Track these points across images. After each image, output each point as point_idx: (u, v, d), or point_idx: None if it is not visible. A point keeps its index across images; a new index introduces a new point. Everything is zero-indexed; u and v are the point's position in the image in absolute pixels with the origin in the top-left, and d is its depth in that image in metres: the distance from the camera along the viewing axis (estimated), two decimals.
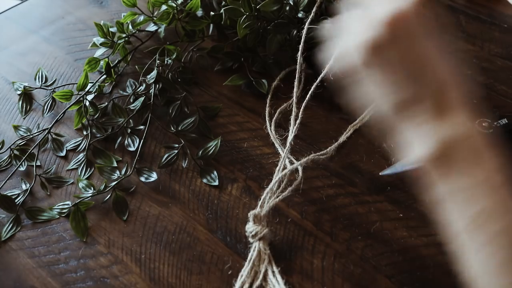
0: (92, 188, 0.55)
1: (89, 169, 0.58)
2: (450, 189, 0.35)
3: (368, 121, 0.60)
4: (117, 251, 0.51)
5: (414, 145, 0.36)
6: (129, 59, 0.68)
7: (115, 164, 0.58)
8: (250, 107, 0.63)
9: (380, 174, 0.54)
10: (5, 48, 0.73)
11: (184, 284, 0.48)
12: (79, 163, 0.58)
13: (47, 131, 0.60)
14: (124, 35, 0.67)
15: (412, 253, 0.49)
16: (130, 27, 0.68)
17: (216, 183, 0.55)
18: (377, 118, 0.38)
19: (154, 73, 0.61)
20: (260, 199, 0.51)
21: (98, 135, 0.60)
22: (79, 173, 0.57)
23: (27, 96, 0.66)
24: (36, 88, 0.67)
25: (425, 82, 0.36)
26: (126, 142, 0.59)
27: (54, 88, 0.66)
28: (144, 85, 0.63)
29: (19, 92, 0.66)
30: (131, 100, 0.63)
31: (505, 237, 0.33)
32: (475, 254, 0.34)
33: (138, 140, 0.59)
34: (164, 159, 0.57)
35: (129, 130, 0.60)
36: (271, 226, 0.52)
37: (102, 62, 0.65)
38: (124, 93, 0.64)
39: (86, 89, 0.62)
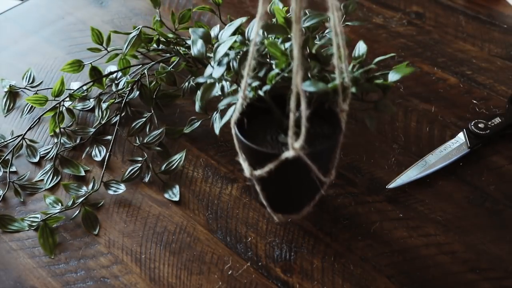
0: (60, 204, 0.54)
1: (55, 177, 0.57)
2: None
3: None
4: (117, 251, 0.51)
5: None
6: (127, 72, 0.65)
7: (82, 173, 0.57)
8: None
9: (387, 187, 0.54)
10: (5, 48, 0.74)
11: (184, 284, 0.48)
12: (46, 172, 0.57)
13: (21, 137, 0.60)
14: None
15: (412, 253, 0.49)
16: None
17: (177, 198, 0.54)
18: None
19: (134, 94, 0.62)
20: None
21: (68, 144, 0.59)
22: (45, 182, 0.56)
23: (11, 95, 0.66)
24: (21, 88, 0.67)
25: None
26: (93, 152, 0.59)
27: (38, 90, 0.66)
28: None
29: (5, 90, 0.66)
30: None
31: None
32: None
33: (104, 151, 0.58)
34: (127, 172, 0.56)
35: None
36: (270, 227, 0.52)
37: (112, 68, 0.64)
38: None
39: (62, 96, 0.61)
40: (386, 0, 0.77)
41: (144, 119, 0.60)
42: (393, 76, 0.45)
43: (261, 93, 0.44)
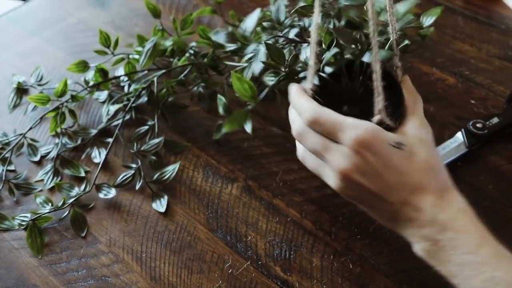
0: (50, 204, 0.54)
1: (55, 177, 0.57)
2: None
3: None
4: (118, 250, 0.51)
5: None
6: (133, 77, 0.65)
7: (82, 174, 0.57)
8: None
9: None
10: (8, 49, 0.74)
11: (185, 283, 0.49)
12: (46, 172, 0.58)
13: (22, 135, 0.60)
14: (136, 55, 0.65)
15: (410, 252, 0.49)
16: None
17: (162, 210, 0.54)
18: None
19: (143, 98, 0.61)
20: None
21: (69, 145, 0.60)
22: (45, 182, 0.57)
23: (19, 91, 0.66)
24: (29, 86, 0.67)
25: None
26: (93, 154, 0.59)
27: (43, 89, 0.66)
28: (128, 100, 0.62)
29: (14, 86, 0.67)
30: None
31: None
32: None
33: (104, 153, 0.58)
34: (119, 178, 0.56)
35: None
36: (270, 226, 0.52)
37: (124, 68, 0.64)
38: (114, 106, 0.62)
39: (65, 97, 0.61)
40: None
41: (146, 127, 0.60)
42: (427, 20, 0.48)
43: (324, 75, 0.46)
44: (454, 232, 0.38)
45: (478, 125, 0.57)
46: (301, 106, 0.42)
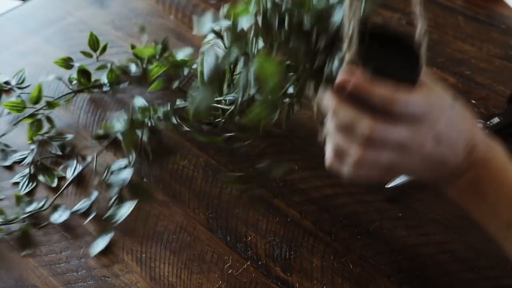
0: (2, 217, 0.53)
1: (31, 183, 0.56)
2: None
3: None
4: (118, 250, 0.51)
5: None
6: (114, 88, 0.64)
7: (54, 184, 0.56)
8: None
9: (386, 186, 0.54)
10: (7, 48, 0.74)
11: (185, 283, 0.49)
12: (24, 175, 0.57)
13: None
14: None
15: (411, 252, 0.50)
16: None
17: (97, 250, 0.51)
18: None
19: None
20: None
21: (47, 152, 0.59)
22: (20, 188, 0.56)
23: None
24: (8, 88, 0.66)
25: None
26: (68, 167, 0.58)
27: (21, 93, 0.65)
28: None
29: None
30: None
31: None
32: None
33: (80, 168, 0.57)
34: (79, 205, 0.54)
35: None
36: (270, 226, 0.52)
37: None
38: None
39: (40, 103, 0.59)
40: (385, 0, 0.78)
41: (125, 162, 0.56)
42: None
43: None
44: (495, 166, 0.40)
45: (479, 125, 0.57)
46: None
